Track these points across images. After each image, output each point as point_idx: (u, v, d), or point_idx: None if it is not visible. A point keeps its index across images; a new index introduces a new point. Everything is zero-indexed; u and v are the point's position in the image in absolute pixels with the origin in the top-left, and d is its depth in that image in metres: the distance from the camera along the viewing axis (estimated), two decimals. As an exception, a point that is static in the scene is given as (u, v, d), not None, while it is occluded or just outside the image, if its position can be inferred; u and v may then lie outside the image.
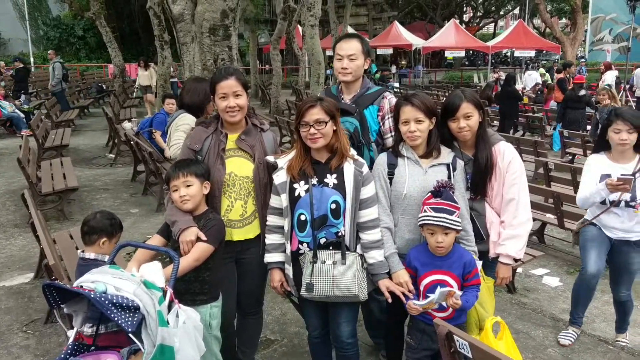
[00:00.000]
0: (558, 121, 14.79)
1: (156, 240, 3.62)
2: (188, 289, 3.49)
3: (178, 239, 3.42)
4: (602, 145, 4.76)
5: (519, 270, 6.36)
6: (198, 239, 3.40)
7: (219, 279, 3.67)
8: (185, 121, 5.09)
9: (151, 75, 19.00)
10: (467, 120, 3.62)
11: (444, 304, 3.35)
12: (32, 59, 32.90)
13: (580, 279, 4.95)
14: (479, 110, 3.65)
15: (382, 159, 3.70)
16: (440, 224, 3.32)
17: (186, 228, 3.40)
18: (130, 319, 2.69)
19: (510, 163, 3.68)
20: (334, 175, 3.48)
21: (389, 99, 4.01)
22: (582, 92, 13.86)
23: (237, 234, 3.77)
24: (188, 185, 3.46)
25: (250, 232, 3.82)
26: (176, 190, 3.48)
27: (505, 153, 3.70)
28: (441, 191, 3.38)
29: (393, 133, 3.85)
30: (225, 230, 3.63)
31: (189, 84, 5.40)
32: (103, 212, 4.03)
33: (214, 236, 3.45)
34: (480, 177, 3.69)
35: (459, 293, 3.34)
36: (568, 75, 18.08)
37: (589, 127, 15.06)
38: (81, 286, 2.80)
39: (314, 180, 3.49)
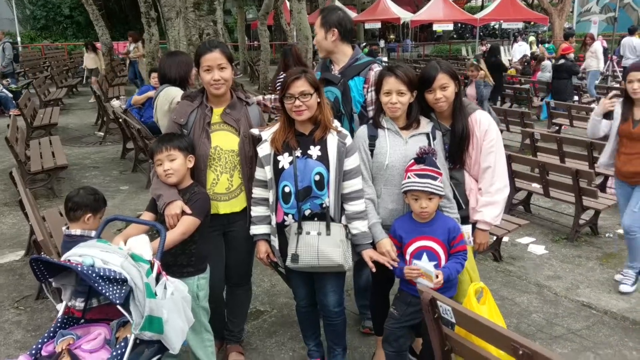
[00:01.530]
0: (547, 92, 14.89)
1: (146, 217, 3.65)
2: (175, 261, 3.54)
3: (163, 212, 3.46)
4: None
5: (505, 239, 6.44)
6: (183, 213, 3.45)
7: (206, 252, 3.72)
8: (175, 92, 5.11)
9: (98, 58, 19.10)
10: (443, 91, 3.63)
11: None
12: (19, 39, 32.58)
13: None
14: (455, 81, 3.67)
15: (362, 131, 3.72)
16: (425, 189, 3.36)
17: (171, 202, 3.44)
18: (118, 291, 2.74)
19: (486, 132, 3.70)
20: (318, 147, 3.52)
21: (376, 71, 3.99)
22: (561, 61, 13.93)
23: (223, 207, 3.81)
24: (172, 159, 3.49)
25: (237, 206, 3.86)
26: (160, 164, 3.51)
27: (481, 122, 3.72)
28: (424, 157, 3.41)
29: (374, 106, 3.88)
30: (210, 203, 3.67)
31: (166, 60, 5.42)
32: (86, 187, 4.06)
33: (199, 209, 3.49)
34: (458, 147, 3.72)
35: (429, 268, 3.39)
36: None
37: (576, 98, 15.15)
38: (69, 260, 2.84)
39: (298, 152, 3.52)
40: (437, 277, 3.35)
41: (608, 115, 5.20)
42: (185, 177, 3.58)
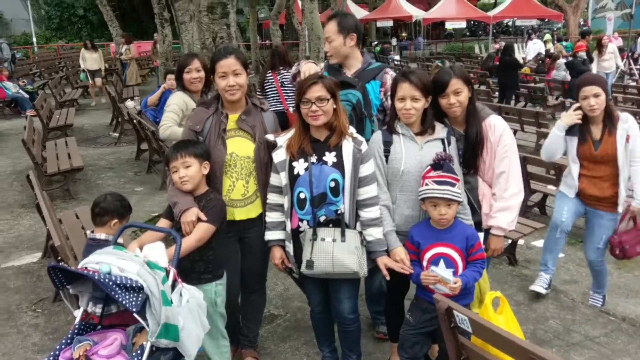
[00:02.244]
0: (562, 91, 14.88)
1: (162, 224, 3.67)
2: (193, 268, 3.55)
3: (179, 219, 3.47)
4: None
5: (520, 242, 6.40)
6: (199, 220, 3.45)
7: (223, 258, 3.73)
8: (172, 101, 5.14)
9: (100, 58, 18.12)
10: (457, 96, 3.62)
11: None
12: (34, 39, 32.85)
13: None
14: (468, 86, 3.66)
15: (377, 137, 3.71)
16: (444, 196, 3.34)
17: (187, 209, 3.45)
18: (134, 299, 2.76)
19: (501, 136, 3.70)
20: (333, 153, 3.51)
21: (391, 74, 4.00)
22: (569, 59, 13.98)
23: (239, 214, 3.82)
24: (187, 166, 3.50)
25: (252, 212, 3.86)
26: (176, 171, 3.52)
27: (495, 127, 3.72)
28: (441, 164, 3.40)
29: (389, 111, 3.87)
30: (226, 210, 3.67)
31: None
32: (113, 194, 4.08)
33: (215, 216, 3.50)
34: (472, 153, 3.72)
35: (447, 276, 3.37)
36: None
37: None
38: (86, 267, 2.86)
39: (313, 159, 3.52)
40: (455, 283, 3.33)
41: (571, 129, 4.74)
42: (200, 183, 3.59)
